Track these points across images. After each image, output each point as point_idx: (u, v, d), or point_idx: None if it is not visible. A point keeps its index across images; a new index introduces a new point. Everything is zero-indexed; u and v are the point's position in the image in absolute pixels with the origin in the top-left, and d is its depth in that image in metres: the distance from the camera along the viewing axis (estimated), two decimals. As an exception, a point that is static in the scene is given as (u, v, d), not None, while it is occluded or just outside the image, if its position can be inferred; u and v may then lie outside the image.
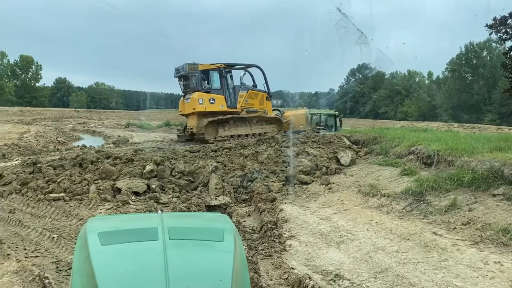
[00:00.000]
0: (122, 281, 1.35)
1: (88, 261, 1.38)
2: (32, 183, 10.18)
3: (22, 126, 31.78)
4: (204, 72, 17.96)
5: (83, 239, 1.56)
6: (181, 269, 1.38)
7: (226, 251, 1.55)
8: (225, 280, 1.34)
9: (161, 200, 9.65)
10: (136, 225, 1.87)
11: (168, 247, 1.47)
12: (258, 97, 19.30)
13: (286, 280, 5.63)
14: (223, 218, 1.98)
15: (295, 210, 8.85)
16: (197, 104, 17.31)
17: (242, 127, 17.98)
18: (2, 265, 5.94)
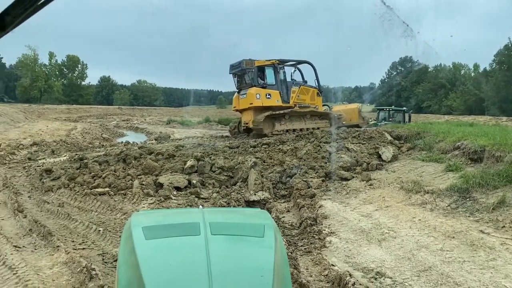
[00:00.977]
0: (166, 274, 1.38)
1: (133, 254, 1.43)
2: (79, 178, 10.59)
3: (69, 123, 33.15)
4: (260, 68, 18.33)
5: (128, 233, 1.61)
6: (222, 264, 1.39)
7: (267, 247, 1.55)
8: (266, 276, 1.34)
9: (201, 195, 9.79)
10: (178, 220, 1.90)
11: (210, 242, 1.49)
12: (310, 92, 19.59)
13: (326, 276, 5.59)
14: (263, 214, 1.99)
15: (335, 206, 8.74)
16: (255, 99, 17.78)
17: (297, 121, 18.24)
18: (52, 256, 6.22)
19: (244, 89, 18.63)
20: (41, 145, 18.29)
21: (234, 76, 19.50)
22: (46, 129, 25.55)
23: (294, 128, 17.88)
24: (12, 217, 8.19)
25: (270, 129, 17.35)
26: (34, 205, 9.20)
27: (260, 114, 17.49)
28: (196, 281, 1.30)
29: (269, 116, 17.37)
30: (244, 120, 19.16)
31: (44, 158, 14.56)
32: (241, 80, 19.10)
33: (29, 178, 11.55)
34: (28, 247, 6.64)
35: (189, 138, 20.39)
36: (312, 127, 18.00)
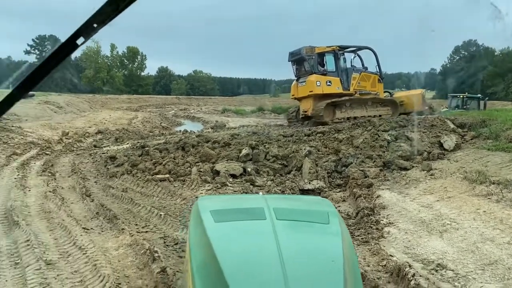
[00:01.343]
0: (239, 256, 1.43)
1: (205, 236, 1.49)
2: (141, 164, 11.07)
3: (130, 112, 34.59)
4: (320, 54, 18.22)
5: (197, 217, 1.68)
6: (291, 248, 1.42)
7: (334, 234, 1.56)
8: (337, 261, 1.36)
9: (256, 183, 9.90)
10: (242, 205, 1.96)
11: (276, 226, 1.52)
12: (370, 79, 19.17)
13: (384, 267, 5.49)
14: (325, 202, 2.00)
15: (393, 196, 8.53)
16: (315, 86, 17.70)
17: (358, 109, 17.92)
18: (117, 238, 6.59)
19: (303, 77, 18.52)
20: (105, 133, 19.28)
21: (293, 63, 19.44)
22: (109, 118, 26.86)
23: (355, 115, 17.51)
24: (81, 201, 8.74)
25: (330, 117, 17.16)
26: (100, 190, 9.75)
27: (320, 101, 17.33)
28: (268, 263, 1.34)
29: (329, 104, 17.16)
30: (303, 108, 19.05)
31: (108, 146, 15.36)
32: (300, 68, 18.99)
33: (95, 164, 12.24)
34: (95, 229, 7.07)
35: (243, 127, 20.63)
36: (374, 115, 17.57)
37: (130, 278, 5.25)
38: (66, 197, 8.95)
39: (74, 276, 5.26)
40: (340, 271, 1.31)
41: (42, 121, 20.23)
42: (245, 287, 1.26)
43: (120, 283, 5.04)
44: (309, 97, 18.04)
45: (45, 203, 8.42)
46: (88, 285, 5.01)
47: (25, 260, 5.68)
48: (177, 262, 5.64)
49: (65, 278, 5.20)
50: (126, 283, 5.08)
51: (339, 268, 1.32)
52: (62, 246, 6.24)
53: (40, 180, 10.34)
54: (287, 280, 1.23)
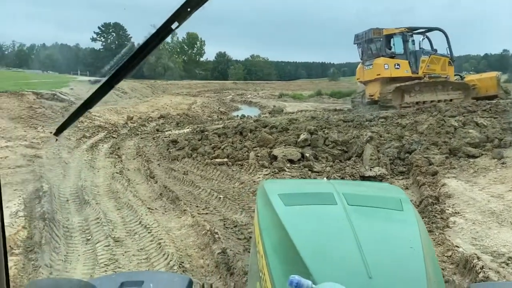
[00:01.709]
0: (315, 239, 1.42)
1: (276, 218, 1.49)
2: (201, 148, 11.34)
3: (190, 97, 35.44)
4: (388, 36, 17.70)
5: (265, 200, 1.69)
6: (367, 234, 1.39)
7: (409, 221, 1.51)
8: (416, 248, 1.31)
9: (314, 169, 9.81)
10: (310, 189, 1.94)
11: (349, 212, 1.49)
12: (440, 62, 18.37)
13: (450, 257, 5.27)
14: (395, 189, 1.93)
15: (460, 185, 8.11)
16: (383, 69, 17.26)
17: (427, 93, 17.09)
18: (180, 219, 6.83)
19: (370, 60, 18.00)
20: (167, 118, 19.93)
21: (358, 46, 18.98)
22: (170, 103, 27.70)
23: (424, 100, 16.70)
24: (145, 182, 9.13)
25: (399, 102, 16.53)
26: (163, 172, 10.12)
27: (388, 85, 16.79)
28: (345, 248, 1.32)
29: (398, 88, 16.55)
30: (369, 92, 18.60)
31: (170, 130, 15.89)
32: (367, 50, 18.47)
33: (157, 148, 12.71)
34: (159, 209, 7.37)
35: (301, 112, 20.47)
36: (445, 99, 16.74)
37: (192, 258, 5.43)
38: (132, 178, 9.38)
39: (140, 254, 5.53)
40: (420, 257, 1.26)
41: (108, 106, 21.24)
42: (324, 268, 1.25)
43: (183, 261, 5.23)
44: (376, 80, 17.53)
45: (112, 184, 8.89)
46: (154, 262, 5.25)
47: (96, 237, 6.05)
48: (236, 244, 5.75)
49: (132, 255, 5.48)
50: (188, 262, 5.27)
51: (419, 254, 1.27)
52: (129, 224, 6.57)
53: (107, 162, 10.91)
54: (368, 266, 1.20)
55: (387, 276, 1.21)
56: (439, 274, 1.35)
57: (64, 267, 5.24)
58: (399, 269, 1.26)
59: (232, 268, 4.86)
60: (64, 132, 0.98)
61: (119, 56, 0.95)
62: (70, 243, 5.97)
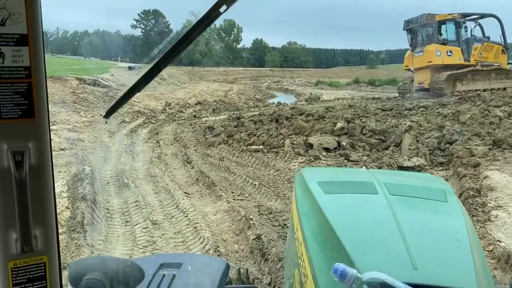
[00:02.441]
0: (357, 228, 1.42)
1: (316, 206, 1.49)
2: (236, 135, 11.42)
3: (226, 84, 35.64)
4: (440, 23, 17.32)
5: (304, 187, 1.69)
6: (411, 224, 1.37)
7: (454, 212, 1.47)
8: (462, 240, 1.27)
9: (351, 158, 9.69)
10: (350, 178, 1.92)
11: (391, 201, 1.47)
12: (493, 50, 17.83)
13: (491, 252, 5.10)
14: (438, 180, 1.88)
15: (503, 178, 7.80)
16: (434, 56, 16.95)
17: (481, 81, 16.63)
18: (215, 204, 6.93)
19: (420, 47, 17.63)
20: (204, 104, 20.15)
21: (408, 32, 18.60)
22: (207, 89, 27.95)
23: (477, 88, 16.15)
24: (182, 167, 9.30)
25: (450, 89, 16.12)
26: (199, 158, 10.27)
27: (439, 73, 16.41)
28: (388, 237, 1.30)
29: (450, 75, 16.17)
30: (418, 79, 18.23)
31: (206, 116, 16.06)
32: (417, 37, 18.09)
33: (194, 134, 12.90)
34: (195, 194, 7.50)
35: (338, 100, 20.19)
36: (498, 87, 16.25)
37: (227, 242, 5.51)
38: (169, 163, 9.58)
39: (177, 237, 5.66)
40: (467, 249, 1.23)
41: (147, 92, 21.67)
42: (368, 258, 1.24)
43: (218, 246, 5.33)
44: (427, 68, 17.16)
45: (150, 168, 9.11)
46: (190, 245, 5.37)
47: (134, 219, 6.24)
48: (270, 231, 5.78)
49: (169, 238, 5.62)
50: (223, 247, 5.35)
51: (466, 247, 1.24)
52: (166, 208, 6.74)
53: (146, 147, 11.18)
54: (412, 255, 1.18)
55: (433, 268, 1.18)
56: (487, 268, 1.32)
57: (104, 247, 5.45)
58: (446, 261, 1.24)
59: (267, 254, 4.90)
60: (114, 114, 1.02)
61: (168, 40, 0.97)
62: (111, 224, 6.19)
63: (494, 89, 16.10)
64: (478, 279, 1.13)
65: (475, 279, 1.13)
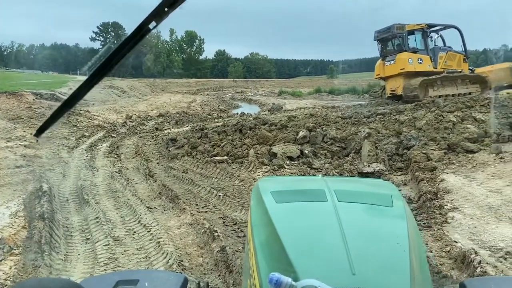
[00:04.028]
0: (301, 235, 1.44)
1: (267, 216, 1.51)
2: (200, 147, 11.36)
3: (189, 96, 35.43)
4: (410, 32, 18.45)
5: (258, 197, 1.71)
6: (354, 229, 1.41)
7: (398, 216, 1.52)
8: (402, 243, 1.32)
9: (313, 165, 9.83)
10: (303, 187, 1.96)
11: (338, 208, 1.51)
12: (456, 58, 19.12)
13: (448, 253, 5.28)
14: (387, 184, 1.94)
15: (458, 180, 8.13)
16: (407, 64, 17.93)
17: (449, 87, 17.72)
18: (179, 218, 6.84)
19: (391, 55, 18.47)
20: (166, 116, 19.94)
21: (379, 42, 19.50)
22: (169, 101, 27.69)
23: (446, 93, 17.27)
24: (144, 181, 9.14)
25: (423, 95, 17.03)
26: (162, 171, 10.14)
27: (411, 79, 17.31)
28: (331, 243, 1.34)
29: (422, 82, 17.04)
30: (390, 87, 19.10)
31: (169, 128, 15.90)
32: (387, 46, 19.06)
33: (157, 146, 12.73)
34: (158, 208, 7.38)
35: (300, 109, 20.48)
36: (464, 93, 17.36)
37: (192, 256, 5.45)
38: (131, 178, 9.40)
39: (140, 252, 5.55)
40: (405, 252, 1.28)
41: (107, 105, 21.25)
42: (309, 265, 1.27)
43: (182, 260, 5.25)
44: (399, 75, 18.00)
45: (111, 183, 8.91)
46: (153, 261, 5.27)
47: (95, 236, 6.07)
48: (235, 242, 5.77)
49: (131, 254, 5.50)
50: (187, 261, 5.29)
51: (405, 250, 1.29)
52: (128, 223, 6.60)
53: (106, 161, 10.93)
54: (351, 260, 1.22)
55: (370, 272, 1.22)
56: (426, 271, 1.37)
57: (64, 266, 5.27)
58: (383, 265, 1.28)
59: (231, 266, 4.88)
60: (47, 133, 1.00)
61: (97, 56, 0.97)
62: (70, 243, 6.00)
63: (461, 94, 17.19)
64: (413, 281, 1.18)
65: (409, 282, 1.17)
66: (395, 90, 18.46)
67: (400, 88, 17.92)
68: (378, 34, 19.29)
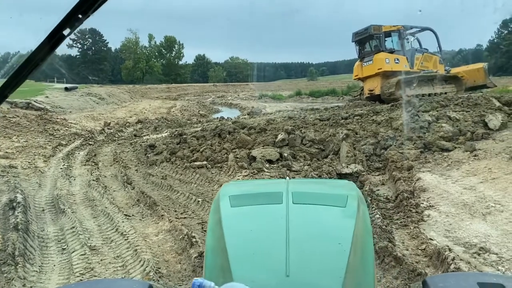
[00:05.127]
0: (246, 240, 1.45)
1: (219, 221, 1.51)
2: (179, 152, 11.28)
3: (169, 101, 35.21)
4: (387, 33, 18.78)
5: (217, 202, 1.71)
6: (301, 231, 1.42)
7: (348, 217, 1.54)
8: (344, 244, 1.33)
9: (293, 168, 9.87)
10: (263, 190, 1.96)
11: (290, 210, 1.51)
12: (432, 60, 19.61)
13: (424, 250, 5.36)
14: (349, 185, 1.95)
15: (434, 179, 8.27)
16: (384, 64, 18.23)
17: (426, 86, 18.07)
18: (157, 224, 6.78)
19: (369, 56, 18.78)
20: (145, 122, 19.75)
21: (356, 44, 19.86)
22: (149, 107, 27.47)
23: (423, 93, 17.58)
24: (122, 189, 9.03)
25: (401, 94, 17.35)
26: (141, 177, 10.03)
27: (389, 79, 17.63)
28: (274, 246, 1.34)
29: (399, 81, 17.31)
30: (368, 87, 19.42)
31: (148, 135, 15.76)
32: (365, 48, 19.41)
33: (135, 153, 12.59)
34: (136, 216, 7.30)
35: (279, 112, 20.57)
36: (440, 92, 17.80)
37: (169, 263, 5.40)
38: (109, 185, 9.27)
39: (117, 261, 5.47)
40: (345, 254, 1.29)
41: (85, 113, 20.95)
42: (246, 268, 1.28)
43: (160, 267, 5.20)
44: (377, 75, 18.37)
45: (89, 192, 8.77)
46: (130, 270, 5.20)
47: (71, 246, 5.96)
48: (214, 247, 5.74)
49: (108, 263, 5.42)
50: (165, 268, 5.24)
51: (345, 251, 1.30)
52: (105, 232, 6.50)
53: (84, 170, 10.76)
54: (289, 263, 1.23)
55: (304, 274, 1.23)
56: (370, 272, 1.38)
57: (38, 278, 5.16)
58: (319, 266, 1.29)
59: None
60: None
61: (9, 65, 0.95)
62: (45, 254, 5.88)
63: (437, 94, 17.64)
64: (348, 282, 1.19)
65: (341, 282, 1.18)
66: (373, 90, 18.79)
67: (378, 88, 18.23)
68: (356, 35, 19.60)
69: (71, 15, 0.79)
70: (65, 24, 0.79)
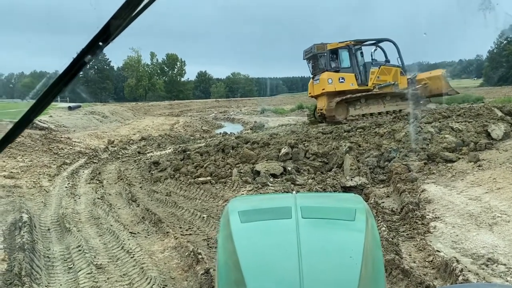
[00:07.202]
0: (259, 255, 1.47)
1: (230, 237, 1.53)
2: (183, 168, 11.31)
3: (172, 118, 35.38)
4: (333, 51, 17.91)
5: (226, 218, 1.72)
6: (312, 245, 1.43)
7: (357, 230, 1.55)
8: (355, 257, 1.35)
9: (297, 182, 9.88)
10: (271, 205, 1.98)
11: (300, 225, 1.53)
12: (392, 72, 18.46)
13: (431, 262, 5.33)
14: (356, 198, 1.97)
15: (439, 190, 8.26)
16: (326, 84, 17.49)
17: (375, 105, 17.40)
18: (163, 242, 6.77)
19: (318, 75, 18.24)
20: (148, 139, 19.85)
21: (308, 61, 19.31)
22: (152, 124, 27.60)
23: (371, 112, 17.07)
24: (127, 206, 9.05)
25: (343, 115, 16.77)
26: (145, 195, 10.05)
27: (333, 99, 17.12)
28: (286, 260, 1.36)
29: (341, 101, 16.78)
30: (318, 106, 18.96)
31: (151, 152, 15.82)
32: (316, 65, 18.83)
33: (139, 170, 12.63)
34: (141, 233, 7.30)
35: (282, 126, 20.64)
36: (393, 110, 17.06)
37: (176, 280, 5.39)
38: (114, 203, 9.29)
39: (123, 279, 5.46)
40: (357, 267, 1.31)
41: (88, 131, 21.08)
42: (261, 282, 1.30)
43: (167, 285, 5.19)
44: (323, 95, 17.80)
45: (94, 210, 8.79)
46: (137, 287, 5.19)
47: (77, 265, 5.96)
48: (220, 263, 5.72)
49: (114, 281, 5.41)
50: (172, 285, 5.22)
51: (357, 264, 1.32)
52: (111, 250, 6.50)
53: (88, 188, 10.79)
54: (302, 276, 1.25)
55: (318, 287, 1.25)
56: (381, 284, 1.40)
57: (45, 298, 5.15)
58: (332, 279, 1.31)
59: None
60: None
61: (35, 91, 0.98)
62: (52, 273, 5.87)
63: (389, 112, 16.87)
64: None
65: None
66: (322, 109, 18.25)
67: (325, 107, 17.71)
68: (305, 53, 19.10)
69: (93, 42, 0.83)
70: (88, 51, 0.83)
